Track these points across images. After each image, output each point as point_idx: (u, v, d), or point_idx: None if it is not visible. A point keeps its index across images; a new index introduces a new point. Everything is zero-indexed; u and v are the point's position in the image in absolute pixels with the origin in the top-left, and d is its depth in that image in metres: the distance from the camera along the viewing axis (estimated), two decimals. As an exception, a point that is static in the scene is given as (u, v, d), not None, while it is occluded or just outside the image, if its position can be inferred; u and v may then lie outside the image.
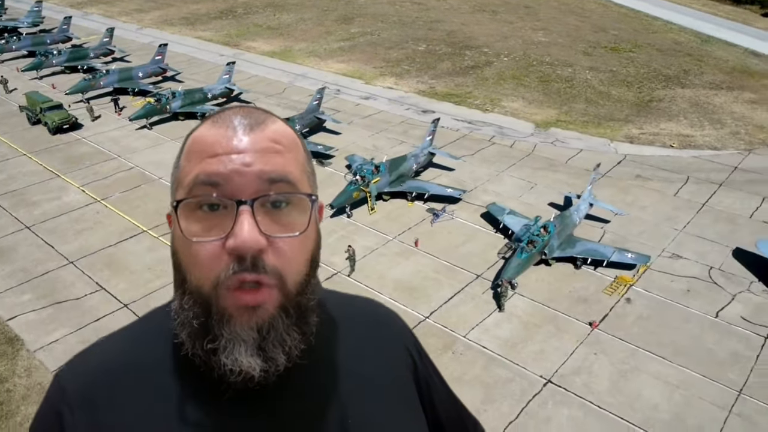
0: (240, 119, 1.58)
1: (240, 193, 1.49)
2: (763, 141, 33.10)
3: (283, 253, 1.54)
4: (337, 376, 1.82)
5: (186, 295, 1.57)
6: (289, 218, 1.56)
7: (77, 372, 1.75)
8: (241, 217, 1.47)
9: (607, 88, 40.77)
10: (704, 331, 19.01)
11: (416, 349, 2.10)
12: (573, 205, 23.51)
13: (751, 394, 16.69)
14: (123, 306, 19.80)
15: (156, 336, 1.76)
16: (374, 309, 2.14)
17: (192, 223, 1.52)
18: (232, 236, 1.47)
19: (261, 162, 1.52)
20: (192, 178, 1.52)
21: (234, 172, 1.49)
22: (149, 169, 28.83)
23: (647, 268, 21.83)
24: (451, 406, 2.22)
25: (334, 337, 1.85)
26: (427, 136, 28.03)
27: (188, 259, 1.55)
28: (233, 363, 1.51)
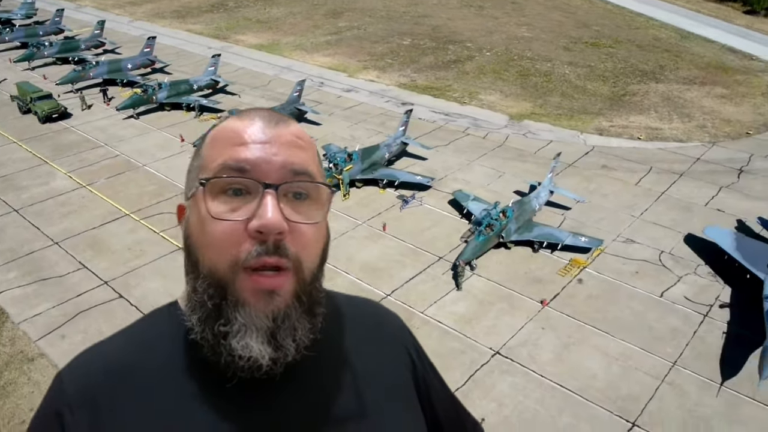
0: (265, 115, 1.68)
1: (266, 179, 1.55)
2: (728, 134, 34.34)
3: (302, 240, 1.59)
4: (339, 373, 1.85)
5: (200, 279, 1.59)
6: (308, 208, 1.62)
7: (78, 372, 1.74)
8: (265, 199, 1.53)
9: (583, 83, 41.97)
10: (648, 309, 20.28)
11: (415, 349, 2.14)
12: (533, 192, 24.69)
13: (684, 365, 17.97)
14: (103, 283, 21.01)
15: (158, 335, 1.78)
16: (374, 309, 2.19)
17: (216, 203, 1.55)
18: (257, 217, 1.51)
19: (286, 153, 1.60)
20: (220, 163, 1.57)
21: (261, 159, 1.56)
22: (134, 157, 30.00)
23: (601, 251, 23.09)
24: (450, 406, 2.25)
25: (336, 334, 1.87)
26: (400, 126, 29.25)
27: (205, 240, 1.57)
28: (243, 348, 1.54)
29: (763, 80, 43.48)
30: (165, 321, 1.80)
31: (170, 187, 27.19)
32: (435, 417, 2.11)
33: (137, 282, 21.13)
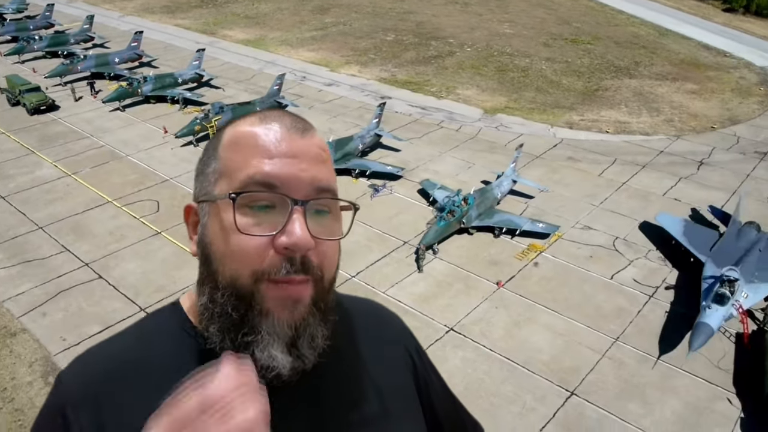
0: (290, 122, 1.65)
1: (294, 195, 1.54)
2: (694, 128, 35.63)
3: (325, 254, 1.60)
4: (342, 375, 1.86)
5: (220, 289, 1.58)
6: (330, 223, 1.63)
7: (78, 372, 1.74)
8: (294, 216, 1.52)
9: (559, 78, 43.20)
10: (597, 290, 21.57)
11: (416, 349, 2.15)
12: (495, 181, 25.92)
13: (626, 341, 19.26)
14: (84, 265, 22.20)
15: (160, 335, 1.78)
16: (375, 310, 2.20)
17: (240, 217, 1.54)
18: (285, 234, 1.51)
19: (314, 170, 1.59)
20: (247, 176, 1.56)
21: (291, 176, 1.55)
22: (119, 147, 31.14)
23: (559, 237, 24.36)
24: (451, 407, 2.24)
25: (338, 336, 1.83)
26: (374, 119, 30.44)
27: (229, 251, 1.55)
28: (267, 358, 1.55)
29: (733, 76, 44.79)
30: (167, 321, 1.82)
31: (152, 176, 28.35)
32: (435, 418, 2.11)
33: (116, 263, 22.32)
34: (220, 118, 30.86)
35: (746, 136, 34.78)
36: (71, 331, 18.76)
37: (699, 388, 17.59)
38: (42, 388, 16.91)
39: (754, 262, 20.74)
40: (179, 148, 31.06)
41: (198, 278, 1.71)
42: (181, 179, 28.11)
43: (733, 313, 18.70)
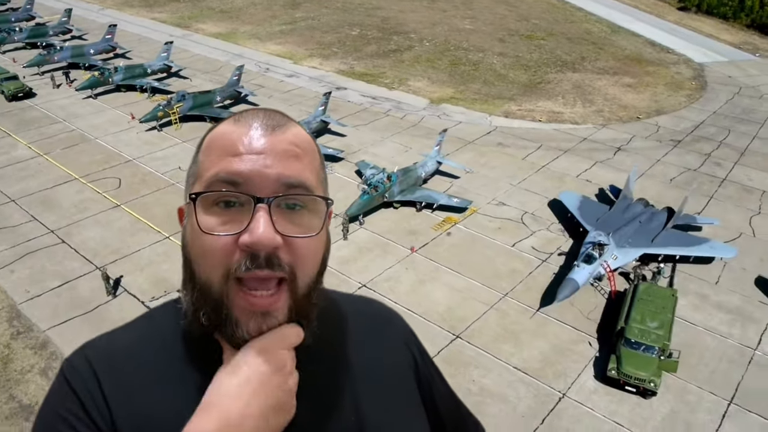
0: (262, 120, 1.64)
1: (258, 192, 1.53)
2: (620, 118, 38.88)
3: (297, 251, 1.58)
4: (341, 374, 1.88)
5: (196, 291, 1.62)
6: (303, 219, 1.61)
7: (83, 358, 1.77)
8: (257, 214, 1.51)
9: (506, 71, 46.36)
10: (498, 255, 24.79)
11: (417, 348, 2.17)
12: (420, 162, 29.06)
13: (513, 297, 22.48)
14: (50, 232, 25.23)
15: (160, 328, 1.83)
16: (377, 309, 2.24)
17: (208, 217, 1.55)
18: (248, 232, 1.51)
19: (281, 165, 1.57)
20: (212, 175, 1.57)
21: (254, 172, 1.54)
22: (88, 131, 34.10)
23: (474, 211, 27.55)
24: (452, 405, 2.27)
25: (337, 335, 1.88)
26: (320, 106, 33.51)
27: (199, 252, 1.58)
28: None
29: (670, 71, 48.06)
30: (167, 316, 1.83)
31: (117, 157, 31.35)
32: (437, 415, 2.12)
33: (78, 231, 25.36)
34: (181, 105, 33.91)
35: (667, 125, 38.05)
36: (34, 285, 21.86)
37: (566, 334, 20.84)
38: (6, 329, 19.98)
39: (631, 231, 23.99)
40: (144, 133, 34.04)
41: (182, 280, 1.71)
42: (142, 160, 31.13)
43: (601, 272, 21.93)
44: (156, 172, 30.04)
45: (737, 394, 18.69)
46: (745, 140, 36.30)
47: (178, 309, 1.78)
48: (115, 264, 23.26)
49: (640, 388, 17.91)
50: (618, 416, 17.80)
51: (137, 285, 22.27)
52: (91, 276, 22.52)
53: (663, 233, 24.40)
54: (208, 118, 34.80)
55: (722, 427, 17.64)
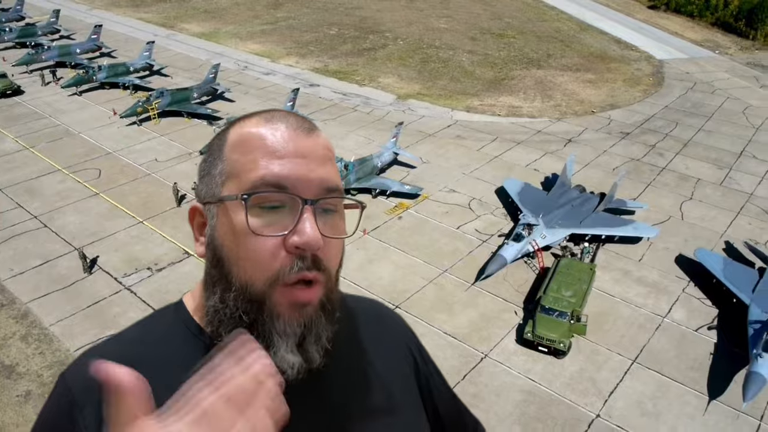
0: (295, 123, 1.69)
1: (304, 195, 1.58)
2: (576, 112, 41.26)
3: (331, 252, 1.66)
4: (345, 374, 1.91)
5: (232, 291, 1.61)
6: (336, 221, 1.69)
7: (81, 371, 1.73)
8: (304, 216, 1.56)
9: (474, 68, 48.70)
10: (443, 237, 27.15)
11: (417, 348, 2.23)
12: (376, 153, 31.41)
13: (451, 273, 24.82)
14: (33, 217, 27.52)
15: (163, 334, 1.82)
16: (377, 309, 2.28)
17: (251, 218, 1.56)
18: (297, 233, 1.55)
19: (322, 170, 1.65)
20: (258, 176, 1.58)
21: (301, 176, 1.59)
22: (72, 126, 36.39)
23: (426, 197, 29.90)
24: (452, 405, 2.30)
25: (341, 335, 1.85)
26: (288, 102, 35.83)
27: (242, 254, 1.59)
28: (280, 361, 1.58)
29: (631, 68, 50.44)
30: (171, 321, 1.83)
31: (98, 150, 33.65)
32: (437, 416, 2.16)
33: (59, 216, 27.67)
34: (159, 101, 36.18)
35: (619, 119, 40.44)
36: (18, 264, 24.19)
37: (496, 305, 23.22)
38: (-8, 301, 22.32)
39: (562, 214, 26.38)
40: (124, 127, 36.33)
41: (205, 279, 1.72)
42: (122, 152, 33.44)
43: (530, 249, 24.32)
44: (134, 163, 32.34)
45: (641, 355, 21.09)
46: (690, 132, 38.69)
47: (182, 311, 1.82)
48: (92, 245, 25.57)
49: (551, 348, 20.28)
50: (532, 373, 20.18)
51: (111, 263, 24.59)
52: (70, 256, 24.82)
53: (592, 215, 26.78)
54: (185, 113, 37.11)
55: (623, 382, 20.03)
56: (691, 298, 24.01)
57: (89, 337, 20.62)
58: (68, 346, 20.43)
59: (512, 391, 19.46)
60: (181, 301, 1.90)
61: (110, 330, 20.95)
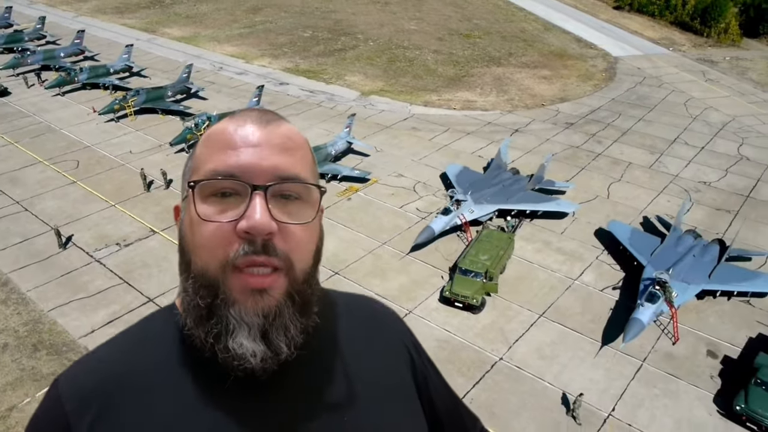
0: (257, 116, 1.74)
1: (255, 181, 1.60)
2: (527, 105, 44.19)
3: (293, 239, 1.64)
4: (337, 371, 1.90)
5: (191, 279, 1.65)
6: (297, 208, 1.68)
7: (74, 379, 1.76)
8: (254, 200, 1.57)
9: (437, 67, 51.65)
10: (386, 215, 30.01)
11: (414, 345, 2.23)
12: (330, 141, 34.31)
13: (389, 245, 27.66)
14: (15, 202, 30.35)
15: (155, 337, 1.84)
16: (372, 306, 2.27)
17: (205, 206, 1.61)
18: (245, 218, 1.56)
19: (275, 157, 1.65)
20: (211, 168, 1.64)
21: (251, 164, 1.61)
22: (54, 123, 39.27)
23: (375, 181, 32.77)
24: (450, 403, 2.29)
25: (335, 333, 1.90)
26: (253, 98, 38.77)
27: (197, 241, 1.63)
28: (239, 347, 1.59)
29: (586, 65, 53.43)
30: (161, 323, 1.86)
31: (77, 144, 36.53)
32: (435, 413, 2.16)
33: (39, 202, 30.50)
34: (135, 99, 39.10)
35: (566, 111, 43.38)
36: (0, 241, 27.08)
37: (425, 271, 26.05)
38: (-25, 273, 25.13)
39: (491, 192, 29.25)
40: (103, 124, 39.21)
41: (178, 271, 1.75)
42: (99, 145, 36.32)
43: (458, 222, 27.18)
44: (110, 155, 35.22)
45: (548, 311, 23.94)
46: (631, 122, 41.64)
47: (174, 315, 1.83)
48: (68, 226, 28.39)
49: (466, 303, 23.11)
50: (448, 326, 23.02)
51: (84, 240, 27.43)
52: (47, 235, 27.62)
53: (520, 194, 29.65)
54: (160, 110, 40.01)
55: (528, 332, 22.87)
56: (602, 264, 26.86)
57: (61, 300, 23.48)
58: (42, 308, 23.23)
59: (429, 339, 22.25)
60: (173, 303, 1.89)
61: (80, 294, 23.90)
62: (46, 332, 22.15)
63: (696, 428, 19.20)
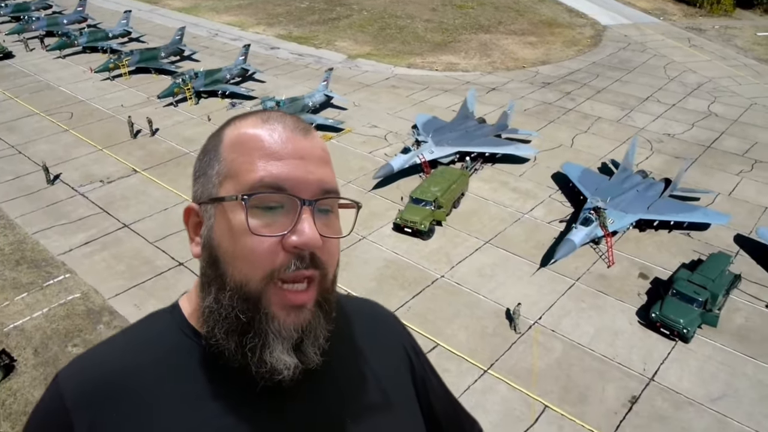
0: (292, 123, 1.72)
1: (302, 195, 1.61)
2: (508, 67, 45.50)
3: (329, 252, 1.67)
4: (340, 375, 1.91)
5: (227, 291, 1.62)
6: (333, 222, 1.71)
7: (76, 375, 1.74)
8: (303, 216, 1.58)
9: (426, 34, 53.06)
10: (355, 159, 31.73)
11: (413, 348, 2.21)
12: (308, 93, 36.04)
13: (354, 183, 29.38)
14: (11, 146, 32.59)
15: (158, 336, 1.81)
16: (371, 308, 2.26)
17: (251, 219, 1.57)
18: (296, 233, 1.57)
19: (320, 171, 1.69)
20: (257, 178, 1.60)
21: (299, 178, 1.62)
22: (53, 81, 41.53)
23: (350, 131, 34.49)
24: (449, 405, 2.30)
25: (337, 336, 1.85)
26: (240, 56, 40.61)
27: (238, 252, 1.60)
28: (276, 361, 1.61)
29: (574, 32, 54.46)
30: (166, 323, 1.84)
31: (73, 99, 38.71)
32: (433, 416, 2.17)
33: (33, 146, 32.71)
34: (129, 59, 41.19)
35: (545, 72, 44.63)
36: (-7, 178, 29.34)
37: (384, 205, 27.72)
38: (-31, 202, 27.37)
39: (454, 136, 30.83)
40: (99, 82, 41.37)
41: (201, 280, 1.72)
42: (94, 100, 38.46)
43: (417, 161, 28.82)
44: (102, 108, 37.35)
45: (495, 239, 25.54)
46: (607, 82, 42.80)
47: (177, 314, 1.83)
48: (57, 166, 30.53)
49: (414, 229, 24.79)
50: (398, 249, 24.74)
51: (71, 178, 29.56)
52: (38, 173, 29.75)
53: (482, 138, 31.17)
54: (154, 70, 42.07)
55: (472, 256, 24.51)
56: (554, 201, 28.36)
57: (45, 225, 25.63)
58: (27, 231, 25.38)
59: (377, 260, 24.04)
60: (176, 303, 1.89)
61: (62, 221, 26.02)
62: (28, 251, 24.29)
63: (614, 335, 20.76)
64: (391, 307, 21.96)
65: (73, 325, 20.48)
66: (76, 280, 22.57)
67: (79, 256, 23.90)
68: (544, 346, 20.20)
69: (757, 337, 20.80)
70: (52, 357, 19.19)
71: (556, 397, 18.34)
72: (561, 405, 18.06)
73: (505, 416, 17.73)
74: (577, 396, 18.42)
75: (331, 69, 38.08)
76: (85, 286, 22.25)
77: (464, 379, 18.79)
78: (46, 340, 19.89)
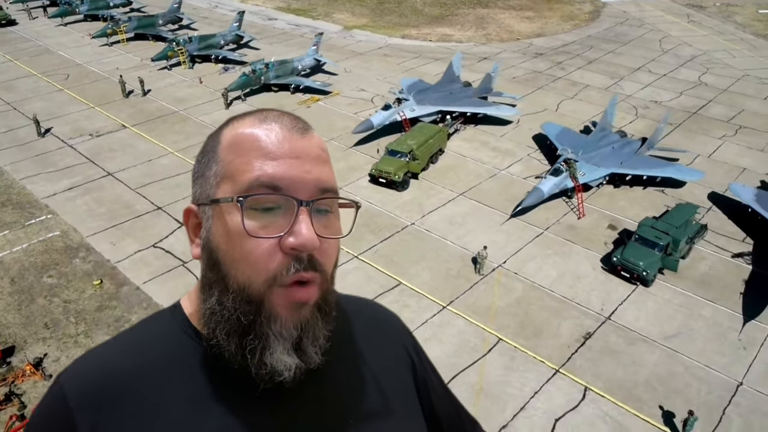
0: (289, 122, 1.68)
1: (299, 196, 1.56)
2: (503, 39, 45.70)
3: (327, 253, 1.63)
4: (341, 375, 1.89)
5: (229, 294, 1.60)
6: (331, 222, 1.66)
7: (77, 376, 1.73)
8: (300, 217, 1.55)
9: (424, 8, 53.33)
10: (340, 119, 32.23)
11: (414, 349, 2.18)
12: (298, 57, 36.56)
13: (336, 140, 29.90)
14: (7, 104, 33.46)
15: (160, 337, 1.80)
16: (374, 309, 2.22)
17: (246, 220, 1.55)
18: (293, 235, 1.54)
19: (317, 171, 1.63)
20: (252, 178, 1.57)
21: (296, 177, 1.57)
22: (53, 46, 42.40)
23: (338, 93, 35.00)
24: (450, 406, 2.27)
25: (338, 337, 1.83)
26: (234, 23, 41.19)
27: (238, 255, 1.58)
28: (276, 362, 1.59)
29: (573, 8, 54.44)
30: (167, 323, 1.82)
31: (70, 62, 39.55)
32: (435, 417, 2.14)
33: (28, 103, 33.55)
34: (127, 25, 41.96)
35: (540, 44, 44.79)
36: (-13, 130, 30.21)
37: (362, 159, 28.13)
38: (-39, 151, 28.25)
39: (436, 96, 31.24)
40: (97, 47, 42.19)
41: (202, 281, 1.70)
42: (91, 64, 39.28)
43: (397, 118, 29.28)
44: (98, 71, 38.14)
45: (469, 191, 25.97)
46: (600, 54, 42.90)
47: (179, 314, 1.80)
48: (49, 121, 31.33)
49: (388, 179, 25.28)
50: (372, 199, 25.25)
51: (61, 131, 30.36)
52: (30, 127, 30.59)
53: (464, 99, 31.55)
54: (151, 36, 42.80)
55: (444, 206, 24.96)
56: (532, 159, 28.72)
57: (32, 173, 26.46)
58: (14, 177, 26.20)
59: (351, 208, 24.54)
60: (178, 303, 1.87)
61: (49, 168, 26.81)
62: (15, 194, 25.10)
63: (576, 278, 21.17)
64: (359, 250, 22.68)
65: (50, 259, 21.24)
66: (57, 220, 23.34)
67: (62, 200, 24.67)
68: (506, 286, 20.65)
69: (719, 284, 21.12)
70: (27, 286, 19.98)
71: (512, 331, 18.81)
72: (515, 338, 18.53)
73: (459, 347, 18.23)
74: (532, 331, 18.88)
75: (321, 33, 38.59)
76: (65, 225, 23.00)
77: (423, 314, 19.29)
78: (23, 272, 20.67)
